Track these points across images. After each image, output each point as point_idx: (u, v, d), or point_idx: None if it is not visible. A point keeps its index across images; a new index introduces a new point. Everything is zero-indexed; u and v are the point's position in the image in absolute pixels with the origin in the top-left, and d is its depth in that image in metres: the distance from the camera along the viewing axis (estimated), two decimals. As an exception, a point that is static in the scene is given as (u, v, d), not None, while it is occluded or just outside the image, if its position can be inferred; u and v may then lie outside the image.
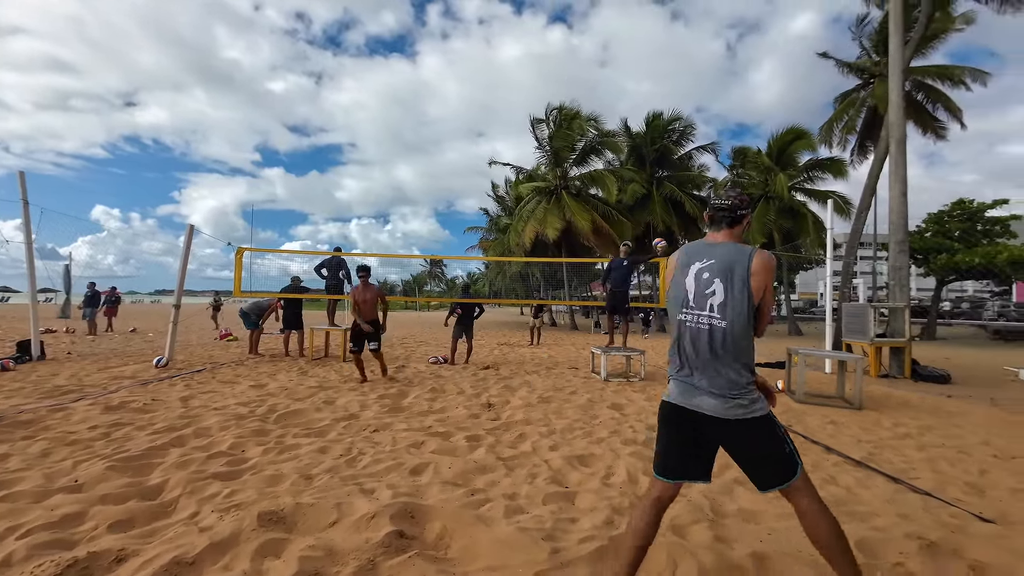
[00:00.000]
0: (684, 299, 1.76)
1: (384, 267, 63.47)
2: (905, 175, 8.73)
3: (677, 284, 1.80)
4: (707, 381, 1.68)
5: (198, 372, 6.71)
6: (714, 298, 1.69)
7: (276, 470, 2.96)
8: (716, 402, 1.65)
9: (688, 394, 1.70)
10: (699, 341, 1.70)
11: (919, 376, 8.01)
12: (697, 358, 1.70)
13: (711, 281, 1.71)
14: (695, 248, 1.83)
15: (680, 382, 1.74)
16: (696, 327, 1.71)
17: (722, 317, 1.67)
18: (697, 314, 1.72)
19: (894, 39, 9.01)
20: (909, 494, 2.96)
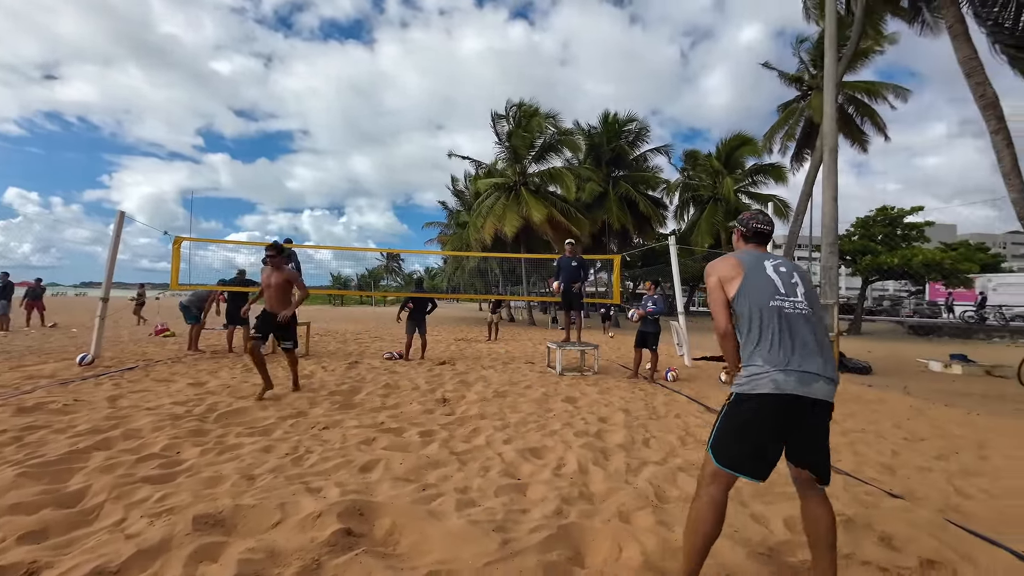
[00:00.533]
0: (774, 289, 1.79)
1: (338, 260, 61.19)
2: (836, 182, 9.42)
3: (758, 278, 1.82)
4: (819, 365, 1.68)
5: (129, 370, 6.23)
6: (800, 288, 1.81)
7: (215, 471, 2.81)
8: (830, 387, 1.69)
9: (803, 382, 1.65)
10: (800, 326, 1.73)
11: (845, 368, 8.71)
12: (803, 343, 1.70)
13: (791, 274, 1.84)
14: (752, 253, 1.95)
15: (789, 372, 1.65)
16: (796, 313, 1.75)
17: (809, 305, 1.78)
18: (793, 301, 1.77)
19: (829, 55, 9.68)
20: (832, 475, 3.21)
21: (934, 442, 4.13)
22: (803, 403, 1.65)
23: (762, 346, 1.73)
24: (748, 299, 1.80)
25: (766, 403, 1.66)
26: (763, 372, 1.68)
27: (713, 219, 22.24)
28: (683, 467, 3.22)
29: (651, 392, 5.96)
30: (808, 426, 1.72)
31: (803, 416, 1.68)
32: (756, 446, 1.69)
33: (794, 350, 1.69)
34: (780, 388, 1.64)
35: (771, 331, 1.73)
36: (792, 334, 1.72)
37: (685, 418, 4.68)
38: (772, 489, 2.89)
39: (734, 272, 1.85)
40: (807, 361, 1.67)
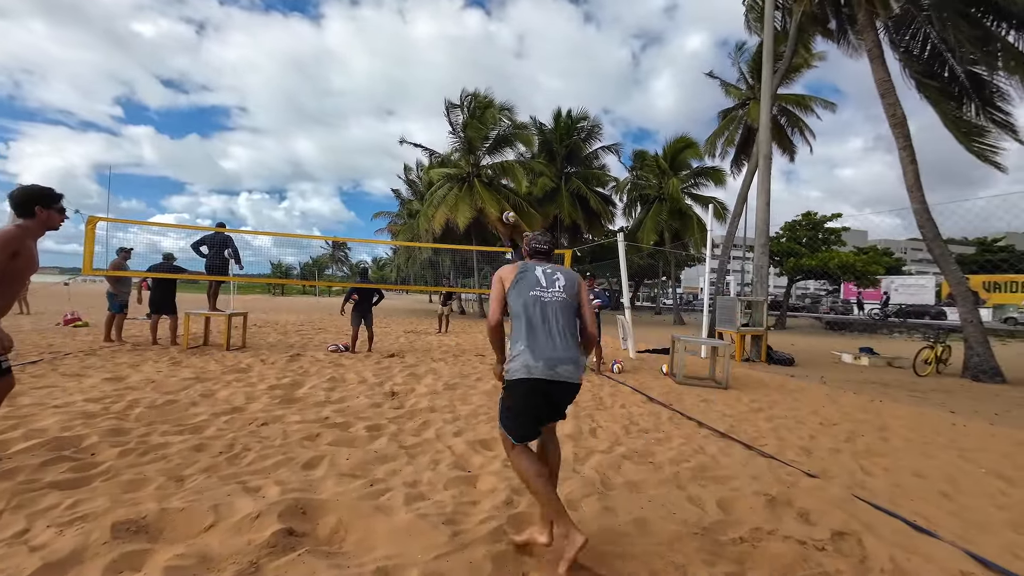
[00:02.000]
0: (536, 283, 2.12)
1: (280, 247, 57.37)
2: (769, 187, 10.13)
3: (528, 276, 2.14)
4: (563, 349, 2.01)
5: (32, 364, 5.58)
6: (560, 282, 2.15)
7: (137, 473, 2.58)
8: (573, 368, 2.01)
9: (550, 366, 1.96)
10: (551, 312, 2.06)
11: (772, 360, 9.43)
12: (554, 329, 2.04)
13: (555, 273, 2.19)
14: (530, 263, 2.24)
15: (538, 357, 1.96)
16: (551, 300, 2.09)
17: (565, 295, 2.12)
18: (552, 292, 2.11)
19: (766, 68, 10.34)
20: (759, 458, 3.48)
21: (844, 426, 4.58)
22: (551, 384, 1.97)
23: (522, 331, 2.04)
24: (518, 293, 2.11)
25: (522, 387, 1.98)
26: (518, 354, 1.99)
27: (659, 217, 23.20)
28: (627, 455, 3.36)
29: (597, 383, 6.15)
30: (555, 401, 2.05)
31: (552, 393, 2.00)
32: (524, 420, 2.02)
33: (548, 335, 2.02)
34: (531, 373, 1.95)
35: (528, 317, 2.05)
36: (544, 319, 2.05)
37: (630, 408, 4.89)
38: (706, 473, 3.09)
39: (511, 273, 2.18)
40: (555, 346, 1.99)
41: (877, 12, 9.01)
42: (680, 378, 6.51)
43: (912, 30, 9.35)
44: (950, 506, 2.80)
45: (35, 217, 2.51)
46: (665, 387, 6.14)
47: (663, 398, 5.43)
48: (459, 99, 21.03)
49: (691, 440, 3.84)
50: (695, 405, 5.20)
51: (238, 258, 8.23)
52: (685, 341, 6.86)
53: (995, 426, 4.86)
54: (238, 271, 8.52)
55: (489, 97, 20.72)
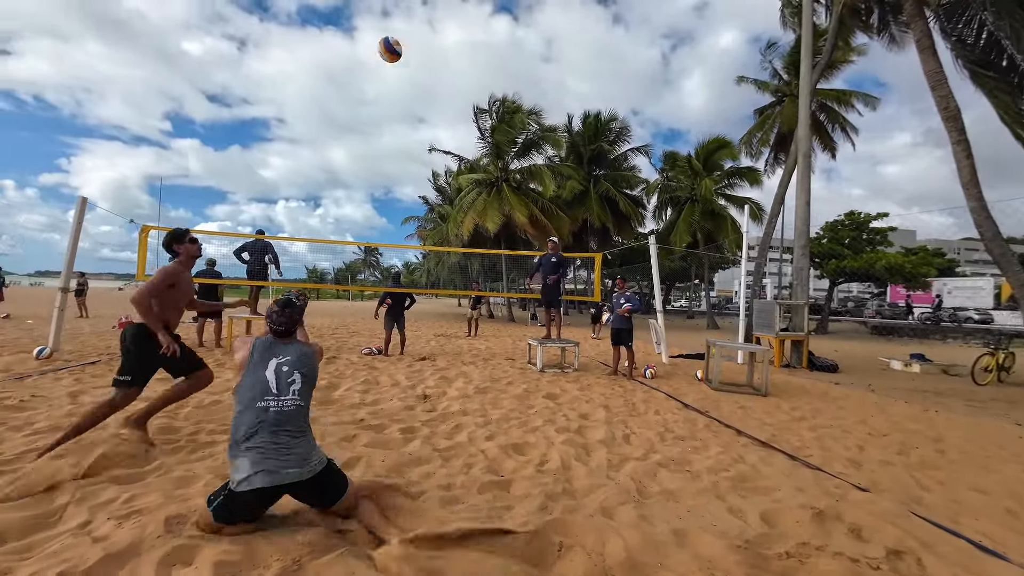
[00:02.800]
0: (266, 389, 2.13)
1: (315, 253, 59.16)
2: (809, 186, 9.73)
3: (257, 374, 2.17)
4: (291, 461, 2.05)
5: (91, 364, 5.95)
6: (295, 385, 2.20)
7: (187, 470, 2.71)
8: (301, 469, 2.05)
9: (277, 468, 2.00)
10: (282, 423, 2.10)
11: (813, 366, 9.03)
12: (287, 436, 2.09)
13: (292, 371, 2.21)
14: (272, 345, 2.29)
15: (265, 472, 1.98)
16: (283, 411, 2.12)
17: (301, 399, 2.20)
18: (282, 401, 2.13)
19: (804, 64, 9.97)
20: (803, 469, 3.33)
21: (895, 437, 4.33)
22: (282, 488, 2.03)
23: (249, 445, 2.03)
24: (246, 389, 2.14)
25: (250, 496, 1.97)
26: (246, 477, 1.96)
27: (691, 219, 22.69)
28: (663, 463, 3.28)
29: (630, 389, 6.05)
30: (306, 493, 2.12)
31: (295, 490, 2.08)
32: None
33: (276, 451, 2.03)
34: (252, 484, 1.96)
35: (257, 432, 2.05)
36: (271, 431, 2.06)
37: (664, 414, 4.77)
38: (746, 483, 2.98)
39: (245, 354, 2.24)
40: (280, 458, 2.02)
41: (927, 0, 8.54)
42: (716, 384, 6.31)
43: (966, 17, 8.82)
44: (1018, 525, 2.59)
45: (179, 254, 3.35)
46: (700, 393, 5.97)
47: (699, 404, 5.28)
48: (487, 104, 21.24)
49: (730, 448, 3.71)
50: (733, 412, 5.03)
51: (277, 263, 8.55)
52: (721, 346, 6.66)
53: (1068, 440, 4.49)
54: (277, 276, 8.85)
55: (517, 102, 20.83)
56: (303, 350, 2.31)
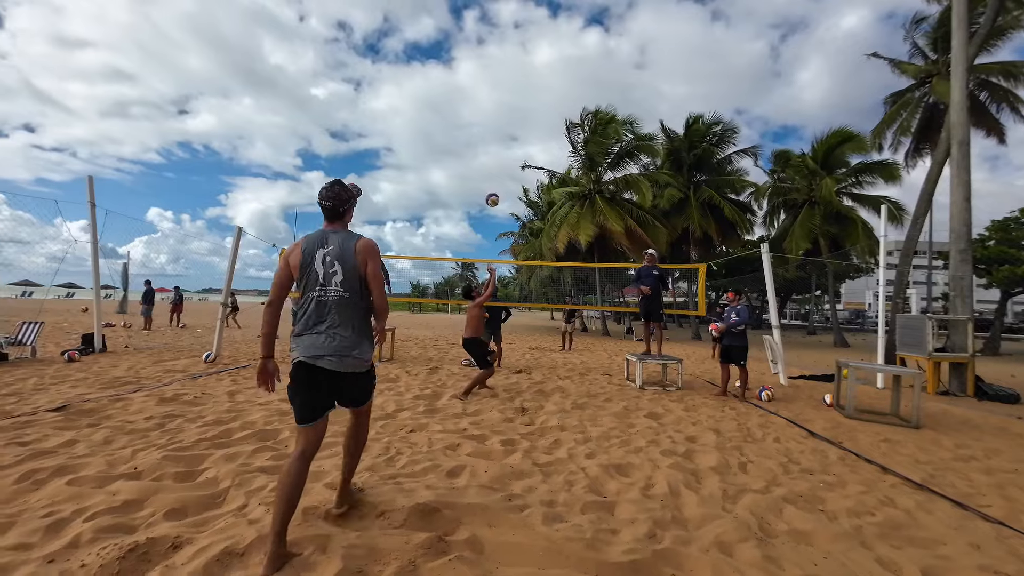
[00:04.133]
0: (315, 280, 2.16)
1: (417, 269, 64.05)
2: (968, 179, 8.17)
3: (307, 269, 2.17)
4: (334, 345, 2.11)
5: (243, 368, 7.00)
6: (337, 276, 2.16)
7: (317, 466, 3.03)
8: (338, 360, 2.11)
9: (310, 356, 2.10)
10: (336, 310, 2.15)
11: (984, 395, 7.45)
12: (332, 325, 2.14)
13: (333, 263, 2.17)
14: (316, 236, 2.23)
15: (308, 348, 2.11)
16: (331, 300, 2.15)
17: (344, 290, 2.16)
18: (331, 290, 2.15)
19: (958, 35, 8.47)
20: (979, 521, 2.74)
21: (1119, 492, 3.36)
22: (325, 371, 2.11)
23: (301, 324, 2.17)
24: (302, 285, 2.19)
25: (300, 367, 2.12)
26: (296, 344, 2.16)
27: (810, 223, 20.23)
28: (789, 498, 2.92)
29: (743, 412, 5.51)
30: (339, 386, 2.17)
31: (329, 378, 2.13)
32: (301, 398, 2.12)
33: (319, 331, 2.12)
34: (302, 358, 2.11)
35: (307, 313, 2.15)
36: (319, 318, 2.14)
37: (785, 443, 4.26)
38: (900, 532, 2.53)
39: (296, 261, 2.18)
40: (324, 341, 2.11)
41: None
42: (850, 411, 5.49)
43: None
44: None
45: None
46: (830, 421, 5.23)
47: (829, 434, 4.63)
48: (579, 118, 21.26)
49: (873, 488, 3.18)
50: (874, 446, 4.32)
51: (387, 279, 9.36)
52: (856, 367, 5.78)
53: None
54: (387, 292, 9.68)
55: (610, 113, 20.54)
56: (346, 243, 2.21)
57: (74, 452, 3.08)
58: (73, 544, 1.99)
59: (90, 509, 2.29)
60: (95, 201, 7.80)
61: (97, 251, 7.90)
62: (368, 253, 2.20)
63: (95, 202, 7.81)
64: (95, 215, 7.83)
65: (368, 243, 2.22)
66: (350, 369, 2.14)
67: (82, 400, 4.46)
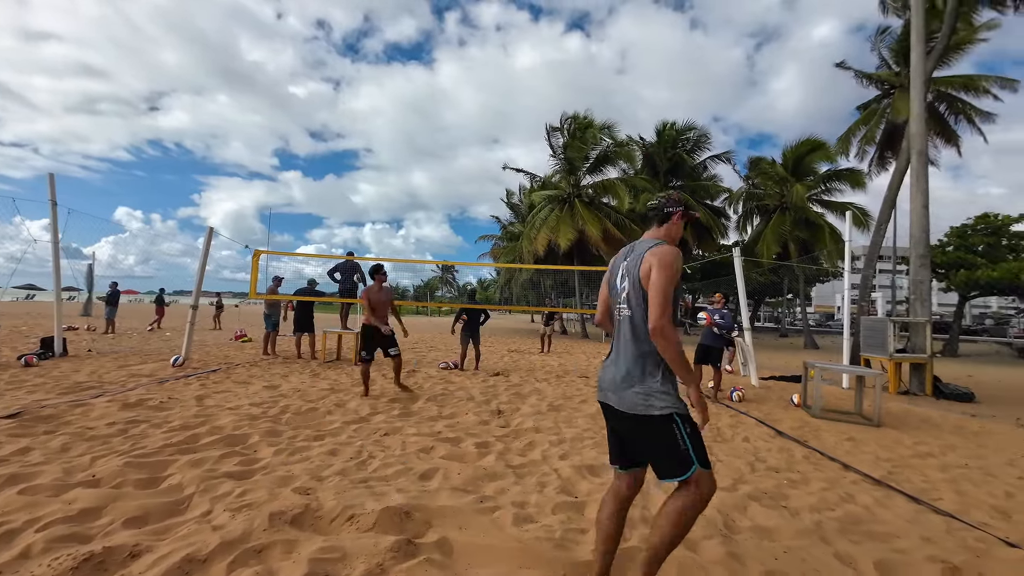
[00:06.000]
0: (615, 295, 1.87)
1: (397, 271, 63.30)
2: (927, 187, 8.56)
3: (611, 284, 1.94)
4: (611, 374, 1.80)
5: (213, 372, 6.81)
6: (625, 291, 1.79)
7: (287, 471, 2.98)
8: (615, 395, 1.76)
9: (600, 389, 1.85)
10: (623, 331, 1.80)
11: (941, 394, 7.80)
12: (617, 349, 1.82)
13: (624, 276, 1.81)
14: (626, 248, 1.94)
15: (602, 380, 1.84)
16: (621, 318, 1.81)
17: (627, 307, 1.77)
18: (618, 308, 1.83)
19: (916, 50, 8.89)
20: (931, 515, 2.87)
21: (1060, 485, 3.57)
22: (610, 409, 1.80)
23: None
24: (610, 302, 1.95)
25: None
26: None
27: (780, 228, 20.88)
28: (754, 495, 3.00)
29: (715, 412, 5.64)
30: (627, 432, 1.80)
31: (615, 420, 1.82)
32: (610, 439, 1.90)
33: (611, 358, 1.84)
34: (598, 395, 1.86)
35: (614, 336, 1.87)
36: (615, 341, 1.85)
37: (754, 442, 4.38)
38: (858, 527, 2.63)
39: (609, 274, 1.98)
40: (608, 369, 1.82)
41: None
42: (816, 411, 5.67)
43: None
44: None
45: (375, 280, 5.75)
46: (797, 421, 5.40)
47: (795, 433, 4.78)
48: (559, 122, 21.46)
49: (835, 485, 3.30)
50: (838, 444, 4.48)
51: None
52: (822, 368, 5.99)
53: None
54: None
55: (589, 117, 20.80)
56: (642, 248, 1.77)
57: (28, 460, 2.95)
58: (24, 555, 1.90)
59: (44, 519, 2.19)
60: (56, 199, 7.50)
61: (58, 251, 7.58)
62: (655, 258, 1.66)
63: (56, 200, 7.50)
64: (56, 214, 7.52)
65: (660, 248, 1.70)
66: (628, 409, 1.69)
67: (39, 406, 4.27)
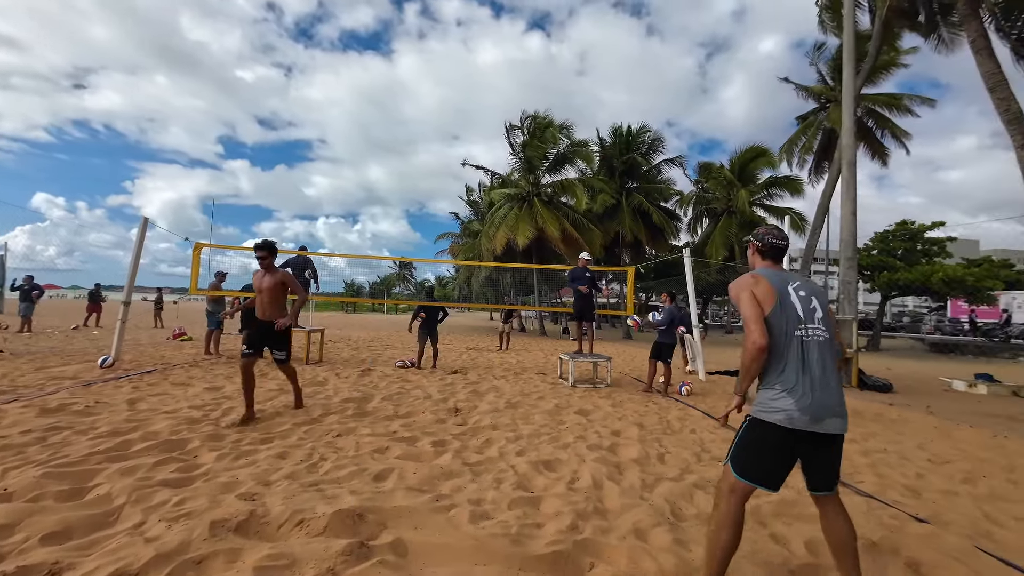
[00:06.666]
0: (797, 317, 1.80)
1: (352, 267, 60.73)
2: (855, 195, 9.30)
3: (786, 304, 1.82)
4: (835, 400, 1.74)
5: (148, 373, 6.35)
6: (818, 313, 1.83)
7: (232, 476, 2.83)
8: (842, 422, 1.75)
9: (817, 418, 1.70)
10: (815, 355, 1.76)
11: (864, 385, 8.50)
12: (820, 376, 1.74)
13: (810, 299, 1.85)
14: (778, 274, 1.93)
15: (804, 407, 1.70)
16: (813, 340, 1.77)
17: (826, 331, 1.81)
18: (812, 328, 1.79)
19: (847, 68, 9.62)
20: (854, 496, 3.13)
21: (960, 465, 4.00)
22: (815, 436, 1.72)
23: (783, 375, 1.77)
24: (775, 325, 1.80)
25: (779, 432, 1.73)
26: (778, 398, 1.74)
27: (727, 231, 22.05)
28: (699, 484, 3.16)
29: (665, 406, 5.88)
30: (821, 454, 1.79)
31: (814, 445, 1.75)
32: (771, 464, 1.78)
33: (811, 384, 1.73)
34: (793, 423, 1.70)
35: (791, 360, 1.77)
36: (808, 365, 1.75)
37: (700, 433, 4.61)
38: (792, 510, 2.83)
39: (767, 293, 1.83)
40: (823, 396, 1.72)
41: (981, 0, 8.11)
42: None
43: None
44: (1108, 568, 2.33)
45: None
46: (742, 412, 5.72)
47: (738, 424, 5.06)
48: (519, 121, 21.56)
49: (772, 472, 3.53)
50: (775, 433, 4.79)
51: (316, 278, 8.90)
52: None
53: None
54: (315, 290, 9.21)
55: (548, 117, 21.05)
56: (812, 283, 2.00)
57: (-76, 475, 2.64)
58: (-82, 581, 1.71)
59: (-57, 539, 1.97)
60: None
61: (-38, 240, 6.79)
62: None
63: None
64: (-40, 199, 6.72)
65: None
66: (844, 431, 1.78)
67: (-62, 414, 3.82)
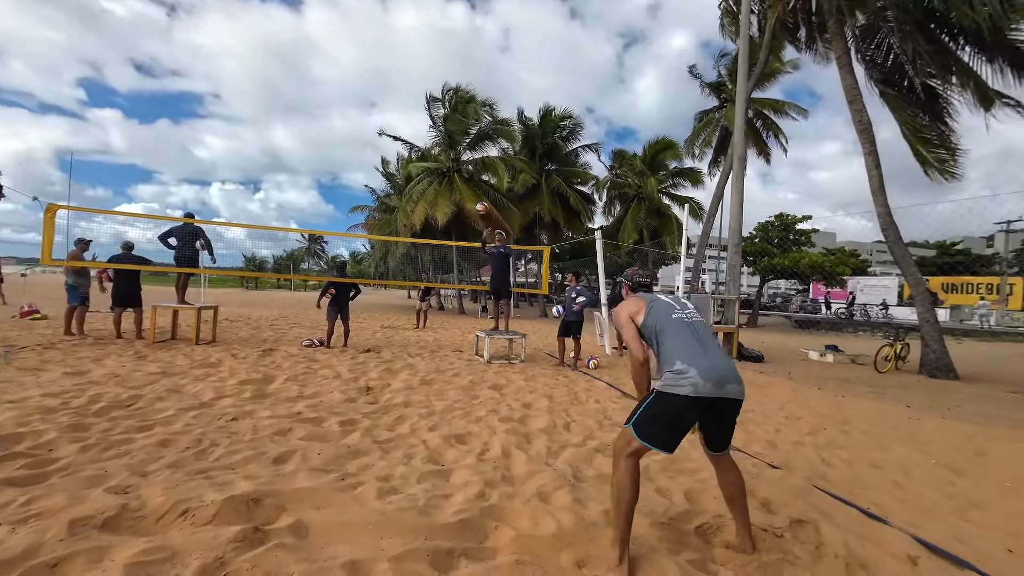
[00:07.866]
0: (671, 308, 2.17)
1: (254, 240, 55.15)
2: (743, 188, 10.39)
3: (658, 303, 2.21)
4: (729, 368, 1.99)
5: (-16, 358, 5.31)
6: (689, 306, 2.25)
7: (99, 469, 2.50)
8: (740, 387, 2.00)
9: (719, 385, 1.92)
10: (703, 331, 2.12)
11: (742, 356, 9.71)
12: (712, 347, 2.06)
13: (678, 299, 2.28)
14: (644, 293, 2.39)
15: (707, 376, 1.90)
16: (695, 321, 2.14)
17: (700, 316, 2.22)
18: (688, 312, 2.17)
19: (741, 73, 10.59)
20: (726, 451, 3.60)
21: (808, 420, 4.76)
22: (717, 402, 1.93)
23: (679, 349, 2.00)
24: (655, 319, 2.13)
25: (684, 402, 1.91)
26: (683, 372, 1.93)
27: (637, 216, 23.54)
28: (599, 448, 3.42)
29: (573, 379, 6.23)
30: (723, 420, 2.05)
31: (716, 412, 1.99)
32: (674, 431, 1.96)
33: (706, 351, 1.99)
34: (698, 391, 1.89)
35: (682, 335, 2.05)
36: (698, 337, 2.05)
37: (604, 403, 4.97)
38: (675, 465, 3.18)
39: (638, 307, 2.21)
40: (719, 363, 1.96)
41: (846, 20, 9.32)
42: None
43: (877, 40, 9.70)
44: (902, 495, 2.95)
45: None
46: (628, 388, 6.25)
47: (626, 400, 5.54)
48: (441, 93, 20.84)
49: (662, 434, 3.93)
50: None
51: (211, 250, 7.99)
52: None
53: (947, 420, 5.13)
54: (210, 264, 8.28)
55: (471, 92, 20.59)
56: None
57: None
58: None
59: None
60: None
61: None
62: None
63: None
64: None
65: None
66: (741, 396, 2.02)
67: None
